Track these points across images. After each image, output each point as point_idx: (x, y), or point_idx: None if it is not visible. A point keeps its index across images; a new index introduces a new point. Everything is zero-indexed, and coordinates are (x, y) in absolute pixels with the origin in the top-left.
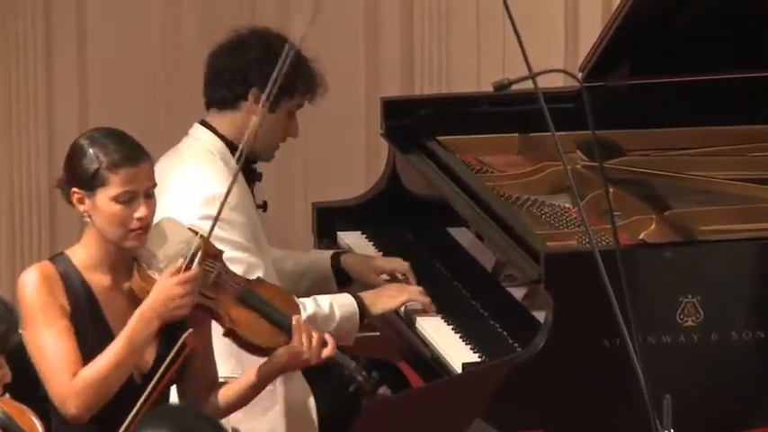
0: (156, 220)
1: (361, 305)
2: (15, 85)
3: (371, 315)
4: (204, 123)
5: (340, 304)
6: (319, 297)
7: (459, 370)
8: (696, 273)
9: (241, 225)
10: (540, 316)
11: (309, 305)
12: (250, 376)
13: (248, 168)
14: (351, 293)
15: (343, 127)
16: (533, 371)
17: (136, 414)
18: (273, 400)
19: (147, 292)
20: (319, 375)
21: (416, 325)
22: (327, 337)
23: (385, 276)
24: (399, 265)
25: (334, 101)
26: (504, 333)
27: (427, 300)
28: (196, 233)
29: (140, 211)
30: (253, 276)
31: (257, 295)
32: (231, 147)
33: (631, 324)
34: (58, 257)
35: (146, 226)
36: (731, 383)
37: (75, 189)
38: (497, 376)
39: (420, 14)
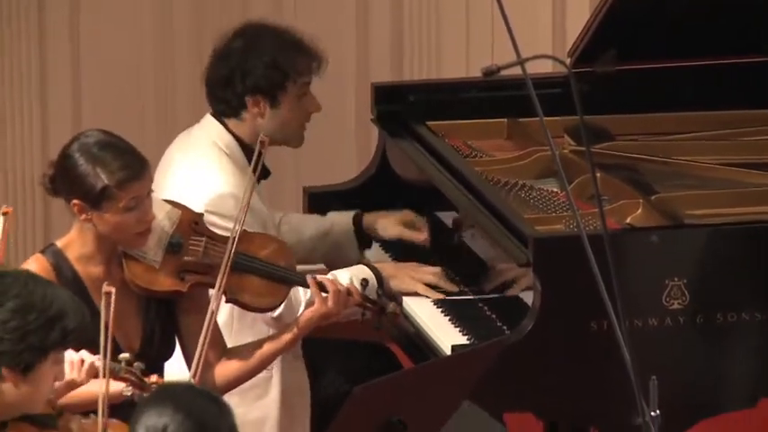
0: None
1: (380, 277)
2: (9, 75)
3: (389, 288)
4: (216, 116)
5: (359, 278)
6: (338, 272)
7: (448, 352)
8: (682, 256)
9: (251, 225)
10: (528, 299)
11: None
12: (281, 337)
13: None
14: (368, 265)
15: (334, 112)
16: (521, 353)
17: None
18: (267, 387)
19: (138, 280)
20: (320, 363)
21: (407, 308)
22: (350, 286)
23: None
24: (412, 215)
25: (324, 86)
26: (493, 316)
27: (443, 285)
28: (173, 204)
29: (147, 214)
30: None
31: (248, 257)
32: (241, 142)
33: (618, 307)
34: (49, 250)
35: (150, 226)
36: (717, 365)
37: (76, 201)
38: (486, 358)
39: (409, 0)
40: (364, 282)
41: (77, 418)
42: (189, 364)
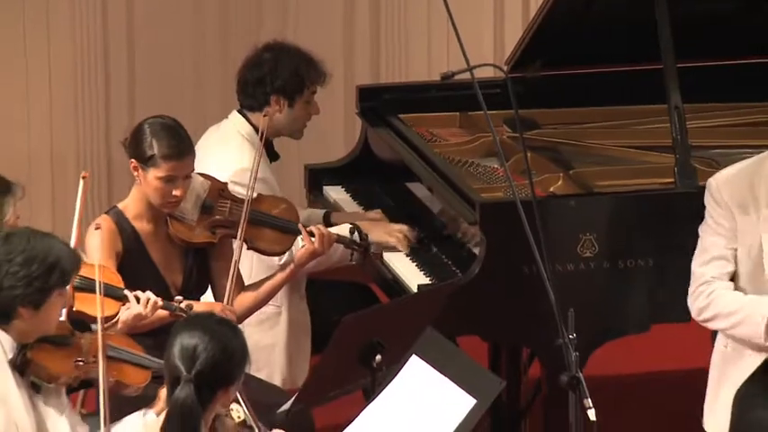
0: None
1: (359, 232)
2: (79, 47)
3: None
4: (241, 112)
5: (343, 233)
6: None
7: (415, 290)
8: (592, 217)
9: (264, 191)
10: (476, 249)
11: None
12: (282, 273)
13: (271, 151)
14: (350, 223)
15: (327, 107)
16: (471, 291)
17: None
18: (278, 320)
19: (180, 235)
20: (318, 299)
21: (383, 256)
22: (324, 231)
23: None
24: (378, 214)
25: (320, 88)
26: (449, 262)
27: (409, 237)
28: (205, 176)
29: (177, 191)
30: None
31: (263, 213)
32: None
33: (544, 255)
34: (112, 211)
35: (179, 201)
36: (617, 300)
37: (133, 159)
38: (444, 295)
39: (385, 20)
40: (353, 229)
41: (87, 335)
42: (215, 298)
